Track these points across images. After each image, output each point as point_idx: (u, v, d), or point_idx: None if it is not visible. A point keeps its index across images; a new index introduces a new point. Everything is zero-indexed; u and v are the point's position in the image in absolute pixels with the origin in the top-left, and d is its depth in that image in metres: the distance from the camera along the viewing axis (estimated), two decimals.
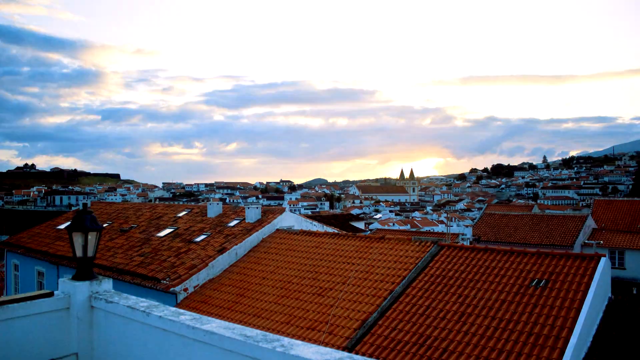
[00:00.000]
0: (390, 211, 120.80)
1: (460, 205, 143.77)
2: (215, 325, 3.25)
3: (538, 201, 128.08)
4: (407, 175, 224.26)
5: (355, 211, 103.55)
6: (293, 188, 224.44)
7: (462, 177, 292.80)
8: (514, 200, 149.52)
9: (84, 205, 4.83)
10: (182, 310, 3.70)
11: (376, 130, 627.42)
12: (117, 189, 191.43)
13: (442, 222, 79.34)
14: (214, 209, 23.63)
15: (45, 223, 30.10)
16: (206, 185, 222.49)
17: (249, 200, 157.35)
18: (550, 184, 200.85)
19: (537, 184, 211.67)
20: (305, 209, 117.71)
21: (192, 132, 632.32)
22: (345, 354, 2.66)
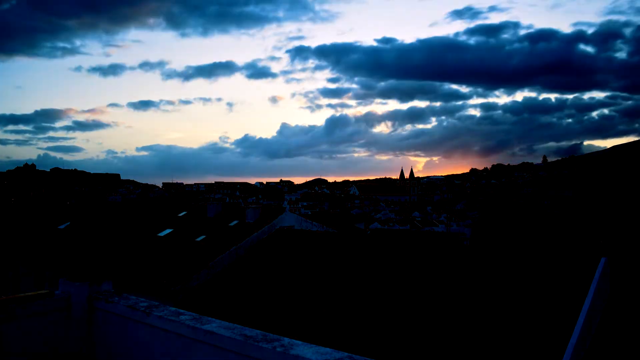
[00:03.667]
0: (390, 211, 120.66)
1: (460, 205, 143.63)
2: (215, 325, 3.24)
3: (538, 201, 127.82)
4: (407, 175, 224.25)
5: (355, 211, 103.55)
6: (293, 188, 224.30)
7: (462, 177, 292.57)
8: (513, 200, 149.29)
9: (84, 205, 4.83)
10: (182, 310, 3.69)
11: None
12: (117, 189, 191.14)
13: (442, 222, 79.40)
14: (214, 209, 23.65)
15: (45, 223, 30.11)
16: (206, 185, 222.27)
17: (249, 200, 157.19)
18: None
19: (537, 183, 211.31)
20: (305, 209, 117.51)
21: None
22: (345, 354, 2.65)
